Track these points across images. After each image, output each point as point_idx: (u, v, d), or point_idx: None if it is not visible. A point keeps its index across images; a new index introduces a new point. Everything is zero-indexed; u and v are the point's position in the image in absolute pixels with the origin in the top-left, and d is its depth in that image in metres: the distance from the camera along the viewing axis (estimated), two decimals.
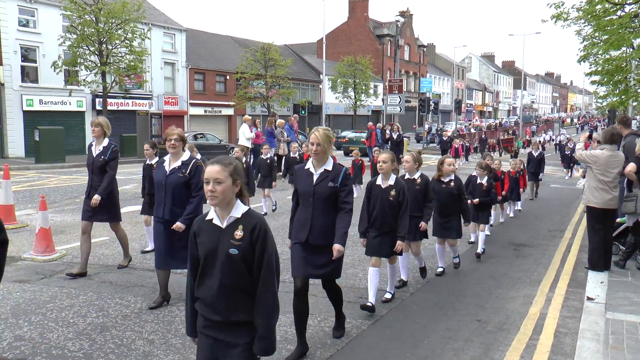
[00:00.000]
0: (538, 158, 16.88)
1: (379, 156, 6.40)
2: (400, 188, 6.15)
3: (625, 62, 19.91)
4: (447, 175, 7.83)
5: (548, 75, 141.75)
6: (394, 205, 6.12)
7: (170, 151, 6.08)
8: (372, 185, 6.31)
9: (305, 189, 5.02)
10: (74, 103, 32.07)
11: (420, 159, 7.29)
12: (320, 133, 4.94)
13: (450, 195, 7.74)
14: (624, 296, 6.56)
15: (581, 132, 65.63)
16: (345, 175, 5.01)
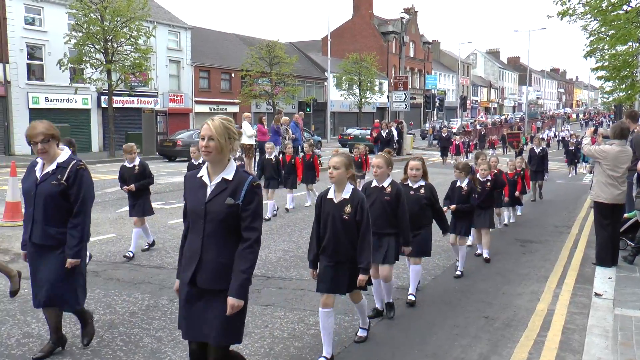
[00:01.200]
0: (540, 155, 15.86)
1: (373, 160, 5.60)
2: (358, 203, 4.68)
3: (632, 57, 19.82)
4: (415, 180, 6.50)
5: (553, 71, 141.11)
6: (349, 226, 4.71)
7: (41, 157, 4.60)
8: (322, 200, 4.88)
9: (195, 207, 3.48)
10: (80, 101, 32.15)
11: (391, 161, 5.85)
12: (215, 124, 3.39)
13: (419, 203, 6.38)
14: (632, 292, 6.53)
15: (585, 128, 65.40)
16: (251, 188, 3.41)
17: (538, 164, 15.70)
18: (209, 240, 3.43)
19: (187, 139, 27.49)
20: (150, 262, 8.17)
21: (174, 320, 5.78)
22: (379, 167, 5.65)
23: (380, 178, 5.70)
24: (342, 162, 4.65)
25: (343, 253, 4.70)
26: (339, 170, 4.66)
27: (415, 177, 6.48)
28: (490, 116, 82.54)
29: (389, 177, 5.71)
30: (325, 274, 4.76)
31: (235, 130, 3.49)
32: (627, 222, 8.50)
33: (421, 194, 6.41)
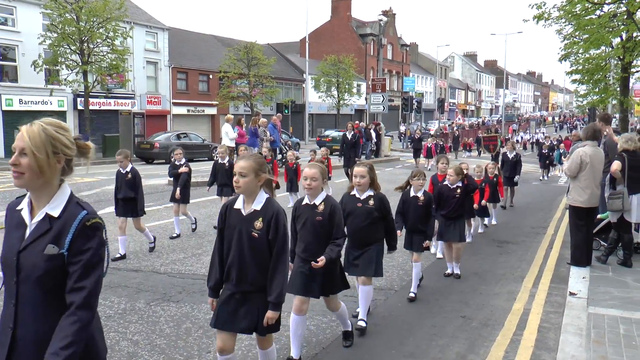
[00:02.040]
0: (514, 160, 14.82)
1: (305, 170, 4.66)
2: (272, 216, 3.67)
3: (605, 61, 20.20)
4: (362, 190, 5.50)
5: (530, 74, 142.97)
6: (259, 246, 3.68)
7: None
8: (227, 211, 3.82)
9: (7, 257, 2.30)
10: (55, 103, 31.73)
11: (326, 172, 4.89)
12: (32, 130, 2.24)
13: (369, 217, 5.43)
14: (605, 291, 6.65)
15: (560, 131, 66.31)
16: (83, 229, 2.24)
17: (511, 169, 14.64)
18: (24, 308, 2.25)
19: (164, 141, 27.34)
20: (127, 265, 8.10)
21: (150, 323, 5.74)
22: (313, 179, 4.56)
23: (313, 193, 4.64)
24: (250, 168, 3.65)
25: (249, 281, 3.69)
26: (246, 179, 3.63)
27: (361, 186, 5.45)
28: (467, 119, 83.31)
29: (322, 191, 4.70)
30: (225, 305, 3.76)
31: (68, 140, 2.35)
32: (600, 223, 8.65)
33: (370, 206, 5.42)
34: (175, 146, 11.43)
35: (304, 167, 4.59)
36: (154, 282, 7.24)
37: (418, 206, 6.78)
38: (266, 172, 3.75)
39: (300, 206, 4.79)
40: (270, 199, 3.78)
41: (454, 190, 7.59)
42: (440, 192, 7.66)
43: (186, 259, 8.42)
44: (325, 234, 4.63)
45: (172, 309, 6.16)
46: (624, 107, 19.71)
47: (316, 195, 4.66)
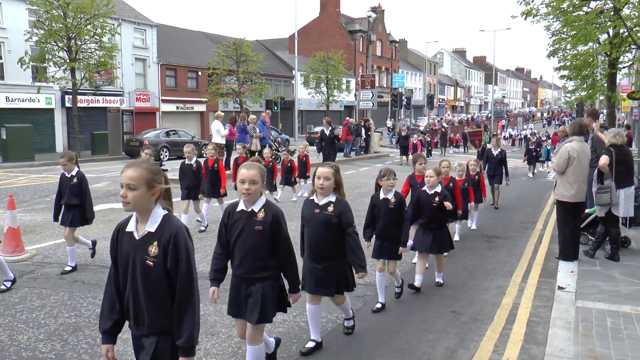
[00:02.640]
0: (498, 158, 13.81)
1: (241, 171, 3.96)
2: (170, 239, 2.91)
3: (592, 57, 20.31)
4: (323, 194, 4.79)
5: (518, 71, 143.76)
6: (156, 279, 2.93)
7: None
8: (119, 234, 3.11)
9: None
10: (43, 100, 31.47)
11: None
12: None
13: (328, 226, 4.74)
14: (592, 285, 6.71)
15: (548, 127, 66.63)
16: None
17: (495, 167, 13.76)
18: None
19: (154, 139, 27.24)
20: None
21: None
22: (252, 182, 3.89)
23: (251, 198, 3.96)
24: (140, 178, 2.88)
25: (147, 324, 2.98)
26: (136, 193, 2.86)
27: (323, 190, 4.73)
28: (457, 114, 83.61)
29: (262, 196, 4.05)
30: (134, 349, 3.14)
31: None
32: (588, 217, 8.73)
33: (329, 213, 4.71)
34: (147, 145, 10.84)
35: (241, 168, 3.94)
36: None
37: (389, 209, 6.05)
38: (162, 183, 2.98)
39: (234, 212, 4.06)
40: (168, 217, 2.99)
41: (433, 197, 6.78)
42: (418, 199, 6.94)
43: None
44: (265, 246, 3.97)
45: None
46: (611, 103, 19.84)
47: (254, 201, 3.97)
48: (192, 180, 9.95)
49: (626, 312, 5.78)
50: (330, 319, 5.85)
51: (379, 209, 6.10)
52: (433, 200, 6.74)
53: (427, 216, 6.80)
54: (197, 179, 10.00)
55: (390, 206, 6.06)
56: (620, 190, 7.83)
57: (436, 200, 6.73)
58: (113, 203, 13.02)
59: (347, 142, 27.82)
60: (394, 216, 6.05)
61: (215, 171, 10.61)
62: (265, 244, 3.97)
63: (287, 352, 5.01)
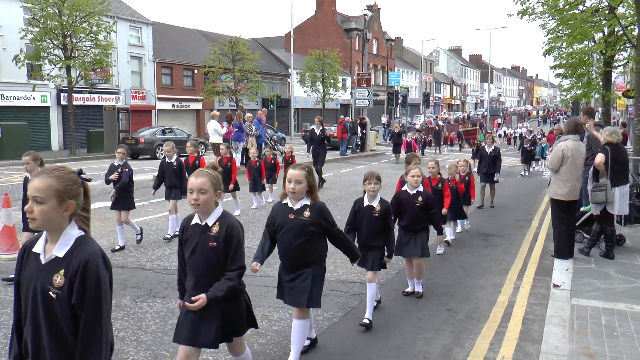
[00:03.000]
0: (492, 155, 13.48)
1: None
2: (79, 268, 2.36)
3: (588, 56, 20.38)
4: (297, 199, 4.37)
5: (514, 69, 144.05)
6: (59, 315, 2.39)
7: None
8: (25, 255, 2.52)
9: None
10: (38, 98, 31.39)
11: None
12: None
13: (301, 232, 4.33)
14: (587, 282, 6.74)
15: (543, 125, 66.72)
16: None
17: (489, 165, 13.42)
18: None
19: (149, 137, 27.20)
20: (113, 261, 7.99)
21: (136, 320, 5.72)
22: (201, 192, 3.42)
23: (203, 209, 3.50)
24: (50, 191, 2.37)
25: None
26: (44, 207, 2.36)
27: (295, 194, 4.30)
28: (453, 113, 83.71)
29: (218, 206, 3.58)
30: None
31: None
32: (583, 215, 8.76)
33: (305, 218, 4.32)
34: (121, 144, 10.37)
35: (190, 176, 3.53)
36: (140, 278, 7.21)
37: (373, 218, 5.54)
38: (78, 196, 2.50)
39: (189, 227, 3.64)
40: (83, 239, 2.46)
41: (416, 197, 6.31)
42: (398, 199, 6.41)
43: (172, 255, 8.39)
44: (220, 265, 3.52)
45: (158, 305, 6.14)
46: (606, 101, 19.92)
47: (208, 213, 3.51)
48: (172, 179, 9.52)
49: (621, 309, 5.80)
50: (326, 317, 5.86)
51: (362, 217, 5.62)
52: (416, 201, 6.29)
53: (408, 217, 6.31)
54: (178, 177, 9.54)
55: (375, 215, 5.55)
56: (616, 188, 7.86)
57: (419, 201, 6.28)
58: (109, 201, 12.97)
59: (343, 140, 27.82)
60: (378, 226, 5.56)
61: (196, 168, 9.98)
62: (219, 263, 3.51)
63: (282, 351, 5.02)
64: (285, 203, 4.43)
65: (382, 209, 5.58)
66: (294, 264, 4.41)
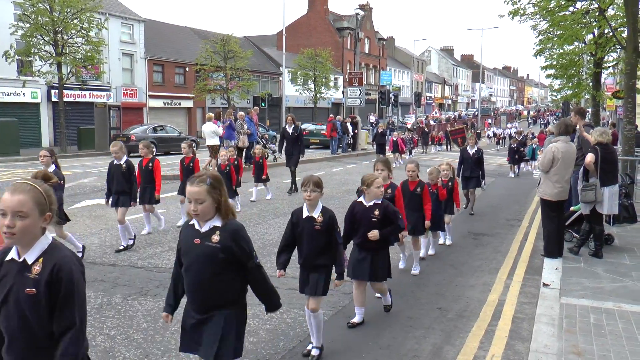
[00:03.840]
0: (475, 157, 12.31)
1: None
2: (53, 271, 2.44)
3: (578, 57, 20.52)
4: (203, 220, 3.36)
5: (505, 69, 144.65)
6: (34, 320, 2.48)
7: None
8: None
9: None
10: (29, 94, 31.17)
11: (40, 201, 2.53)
12: None
13: (211, 262, 3.33)
14: (577, 282, 6.80)
15: (533, 126, 67.00)
16: None
17: (472, 168, 12.24)
18: None
19: (141, 134, 27.09)
20: (104, 259, 8.03)
21: (127, 318, 5.72)
22: (18, 216, 2.44)
23: (18, 240, 2.51)
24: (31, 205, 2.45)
25: None
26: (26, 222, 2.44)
27: (199, 215, 3.33)
28: (444, 112, 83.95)
29: (42, 236, 2.56)
30: None
31: None
32: (572, 215, 8.83)
33: (213, 244, 3.30)
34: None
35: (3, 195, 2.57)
36: (131, 276, 7.20)
37: (314, 232, 4.72)
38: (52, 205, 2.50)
39: (4, 263, 2.62)
40: (53, 247, 2.52)
41: (371, 210, 5.36)
42: (352, 212, 5.46)
43: (163, 253, 8.38)
44: (41, 322, 2.51)
45: (149, 304, 6.14)
46: (596, 102, 20.07)
47: (27, 245, 2.50)
48: (121, 183, 8.46)
49: (609, 308, 5.86)
50: None
51: (302, 231, 4.77)
52: (372, 214, 5.33)
53: (363, 234, 5.33)
54: (128, 182, 8.50)
55: (317, 227, 4.71)
56: (605, 188, 7.94)
57: (376, 214, 5.31)
58: (100, 199, 12.96)
59: (333, 139, 27.84)
60: (322, 241, 4.74)
61: (150, 171, 9.29)
62: (40, 318, 2.48)
63: (274, 349, 5.03)
64: (192, 224, 3.41)
65: (325, 220, 4.71)
66: (205, 304, 3.39)
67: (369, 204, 5.37)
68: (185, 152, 10.40)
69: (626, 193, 8.85)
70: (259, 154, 13.69)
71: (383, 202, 5.44)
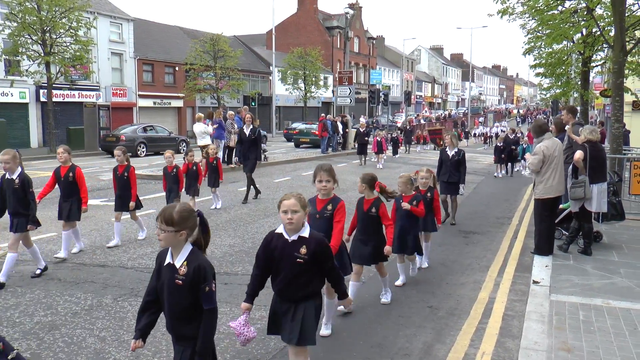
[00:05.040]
0: (455, 160, 10.89)
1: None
2: None
3: (567, 56, 20.63)
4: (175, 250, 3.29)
5: (495, 68, 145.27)
6: None
7: None
8: None
9: None
10: (17, 94, 30.95)
11: None
12: None
13: (179, 295, 3.28)
14: (566, 279, 6.85)
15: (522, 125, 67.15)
16: None
17: (451, 172, 10.83)
18: None
19: (131, 134, 26.97)
20: (93, 260, 7.99)
21: (118, 319, 5.69)
22: None
23: None
24: None
25: None
26: None
27: (163, 242, 3.28)
28: (434, 111, 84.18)
29: None
30: None
31: None
32: (562, 213, 8.89)
33: (180, 276, 3.23)
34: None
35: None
36: (121, 277, 7.17)
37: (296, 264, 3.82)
38: None
39: None
40: None
41: (296, 246, 3.84)
42: (266, 247, 3.93)
43: (153, 254, 8.35)
44: None
45: (139, 304, 6.09)
46: (584, 100, 20.18)
47: None
48: (14, 203, 6.83)
49: (597, 305, 5.91)
50: None
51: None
52: (297, 252, 3.82)
53: (284, 279, 3.90)
54: (22, 202, 6.83)
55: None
56: (594, 185, 8.01)
57: (302, 253, 3.81)
58: (90, 199, 12.86)
59: (323, 138, 27.86)
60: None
61: (126, 180, 8.81)
62: None
63: (265, 349, 5.04)
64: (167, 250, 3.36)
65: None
66: (178, 333, 3.39)
67: (293, 237, 3.85)
68: (119, 160, 8.84)
69: (614, 191, 8.94)
70: (212, 155, 12.33)
71: (313, 237, 3.85)
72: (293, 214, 3.75)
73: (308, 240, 3.81)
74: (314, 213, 5.07)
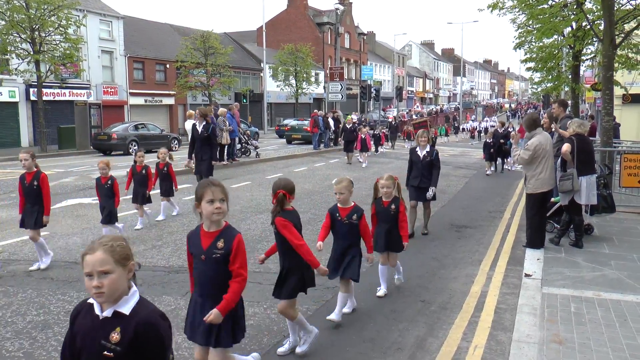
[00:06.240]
0: (426, 161, 9.31)
1: None
2: None
3: (557, 50, 20.69)
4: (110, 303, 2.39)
5: (486, 63, 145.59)
6: None
7: None
8: None
9: None
10: (6, 93, 30.78)
11: None
12: None
13: None
14: (557, 271, 6.89)
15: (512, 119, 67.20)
16: None
17: (423, 175, 9.33)
18: None
19: (122, 132, 26.86)
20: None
21: None
22: None
23: None
24: None
25: None
26: None
27: None
28: (426, 106, 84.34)
29: None
30: None
31: None
32: (553, 206, 8.95)
33: None
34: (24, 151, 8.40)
35: None
36: None
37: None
38: None
39: None
40: None
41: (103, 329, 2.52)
42: None
43: (146, 251, 8.34)
44: None
45: None
46: (575, 94, 20.28)
47: None
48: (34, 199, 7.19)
49: (588, 297, 5.96)
50: (300, 310, 5.88)
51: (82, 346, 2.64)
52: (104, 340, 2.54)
53: None
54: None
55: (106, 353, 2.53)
56: (582, 178, 8.07)
57: None
58: (82, 198, 12.86)
59: (314, 134, 27.85)
60: None
61: (109, 188, 8.77)
62: None
63: (258, 345, 5.04)
64: None
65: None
66: None
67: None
68: (27, 165, 7.43)
69: (605, 183, 9.00)
70: (162, 160, 10.69)
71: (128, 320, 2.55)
72: None
73: None
74: None
